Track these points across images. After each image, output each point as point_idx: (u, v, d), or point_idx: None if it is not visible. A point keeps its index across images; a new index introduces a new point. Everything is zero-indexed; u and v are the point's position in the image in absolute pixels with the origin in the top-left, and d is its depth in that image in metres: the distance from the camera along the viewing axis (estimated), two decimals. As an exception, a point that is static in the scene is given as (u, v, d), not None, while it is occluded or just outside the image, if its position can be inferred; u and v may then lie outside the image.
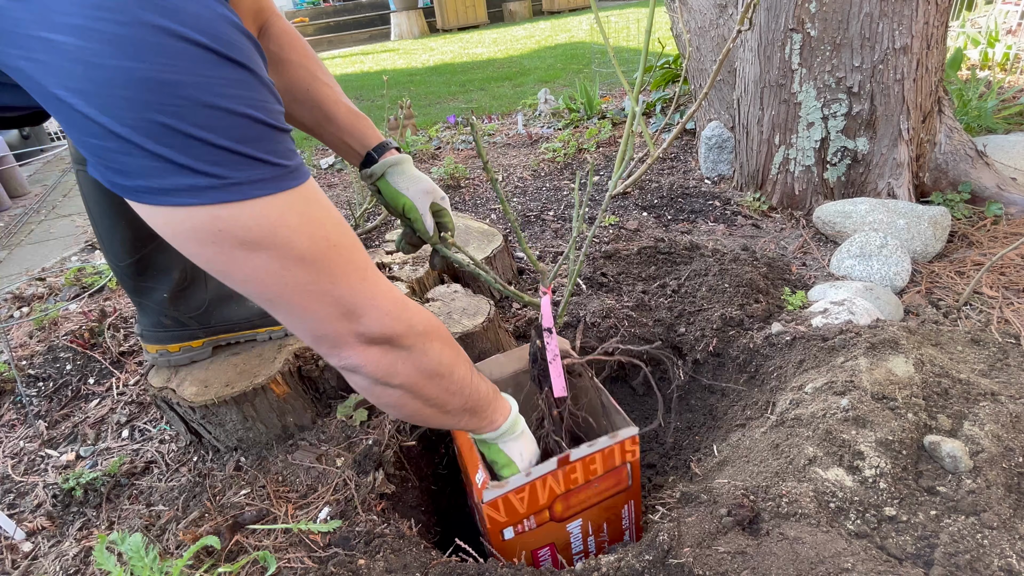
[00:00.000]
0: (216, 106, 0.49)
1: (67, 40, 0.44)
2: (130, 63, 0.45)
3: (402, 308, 0.68)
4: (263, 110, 0.53)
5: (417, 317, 0.70)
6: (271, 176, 0.55)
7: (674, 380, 1.30)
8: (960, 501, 0.87)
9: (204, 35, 0.48)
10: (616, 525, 1.07)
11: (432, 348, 0.72)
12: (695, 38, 2.47)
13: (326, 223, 0.60)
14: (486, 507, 0.90)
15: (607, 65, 4.56)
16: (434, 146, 3.25)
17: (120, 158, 0.49)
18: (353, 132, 1.05)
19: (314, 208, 0.59)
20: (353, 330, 0.64)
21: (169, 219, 0.53)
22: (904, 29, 1.71)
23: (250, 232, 0.54)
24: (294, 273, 0.58)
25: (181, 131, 0.48)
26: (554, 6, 11.19)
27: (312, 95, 1.02)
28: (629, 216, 2.12)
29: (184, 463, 1.22)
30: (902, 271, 1.57)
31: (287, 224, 0.56)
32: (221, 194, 0.52)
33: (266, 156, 0.54)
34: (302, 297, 0.60)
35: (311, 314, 0.62)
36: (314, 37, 10.31)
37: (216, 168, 0.50)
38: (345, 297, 0.62)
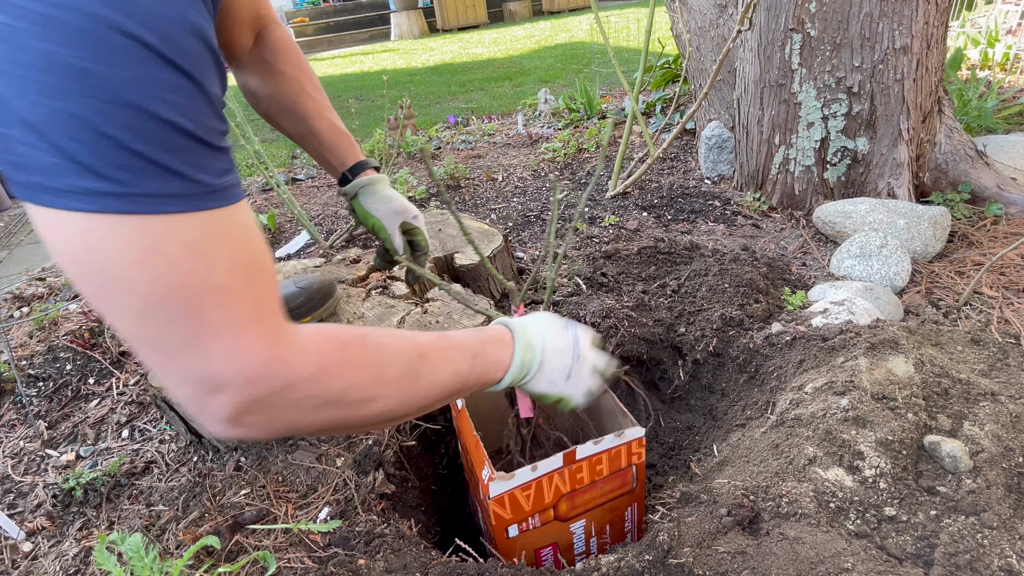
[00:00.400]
0: (140, 107, 0.44)
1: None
2: (54, 47, 0.41)
3: (279, 365, 0.55)
4: (196, 122, 0.48)
5: (302, 366, 0.56)
6: (184, 192, 0.48)
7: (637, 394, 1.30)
8: (960, 501, 0.87)
9: (150, 32, 0.44)
10: (619, 527, 1.07)
11: (331, 390, 0.59)
12: (695, 38, 2.47)
13: (218, 259, 0.50)
14: (492, 503, 0.90)
15: (607, 65, 4.56)
16: (434, 146, 3.25)
17: (21, 149, 0.44)
18: (333, 149, 1.08)
19: (213, 239, 0.50)
20: (210, 404, 0.53)
21: (45, 223, 0.46)
22: (904, 29, 1.71)
23: (119, 256, 0.46)
24: (153, 316, 0.48)
25: (94, 127, 0.43)
26: (554, 6, 11.19)
27: (298, 108, 1.03)
28: (629, 216, 2.12)
29: (184, 463, 1.22)
30: (902, 271, 1.57)
31: (164, 252, 0.47)
32: (117, 202, 0.45)
33: (184, 169, 0.47)
34: (158, 349, 0.51)
35: (166, 370, 0.52)
36: (314, 37, 10.31)
37: (121, 173, 0.45)
38: (203, 359, 0.51)
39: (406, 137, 3.25)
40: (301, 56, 1.05)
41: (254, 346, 0.53)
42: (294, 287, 1.30)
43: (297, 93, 1.03)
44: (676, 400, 1.44)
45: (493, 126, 3.56)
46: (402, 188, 2.49)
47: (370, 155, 2.95)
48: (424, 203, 2.44)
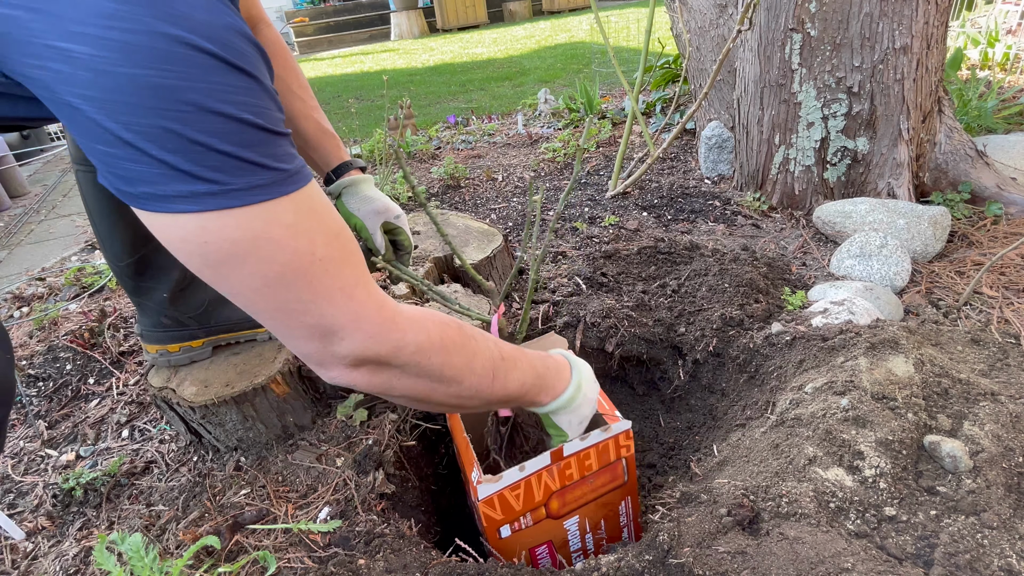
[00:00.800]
0: (219, 112, 0.49)
1: (79, 49, 0.45)
2: (138, 70, 0.46)
3: (391, 327, 0.64)
4: (264, 116, 0.53)
5: (411, 334, 0.65)
6: (270, 181, 0.54)
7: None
8: (960, 501, 0.87)
9: (212, 42, 0.49)
10: (614, 522, 1.07)
11: (431, 363, 0.68)
12: (695, 38, 2.47)
13: (315, 234, 0.58)
14: (482, 504, 0.90)
15: (607, 65, 4.56)
16: (434, 146, 3.25)
17: (126, 165, 0.49)
18: (318, 149, 1.08)
19: (305, 218, 0.57)
20: (333, 352, 0.61)
21: (163, 226, 0.53)
22: (904, 29, 1.71)
23: (234, 245, 0.53)
24: (274, 290, 0.56)
25: (184, 136, 0.48)
26: (554, 6, 11.19)
27: (285, 108, 1.05)
28: (629, 216, 2.12)
29: (184, 463, 1.22)
30: (902, 271, 1.57)
31: (271, 236, 0.54)
32: (219, 200, 0.51)
33: (265, 160, 0.53)
34: (283, 315, 0.59)
35: (292, 332, 0.60)
36: (314, 37, 10.31)
37: (216, 174, 0.51)
38: (325, 317, 0.59)
39: (406, 137, 3.24)
40: (290, 57, 1.07)
41: (366, 306, 0.62)
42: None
43: (283, 92, 1.03)
44: (676, 400, 1.44)
45: (493, 126, 3.56)
46: (402, 187, 2.49)
47: (370, 155, 2.95)
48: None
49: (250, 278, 0.55)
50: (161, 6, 0.47)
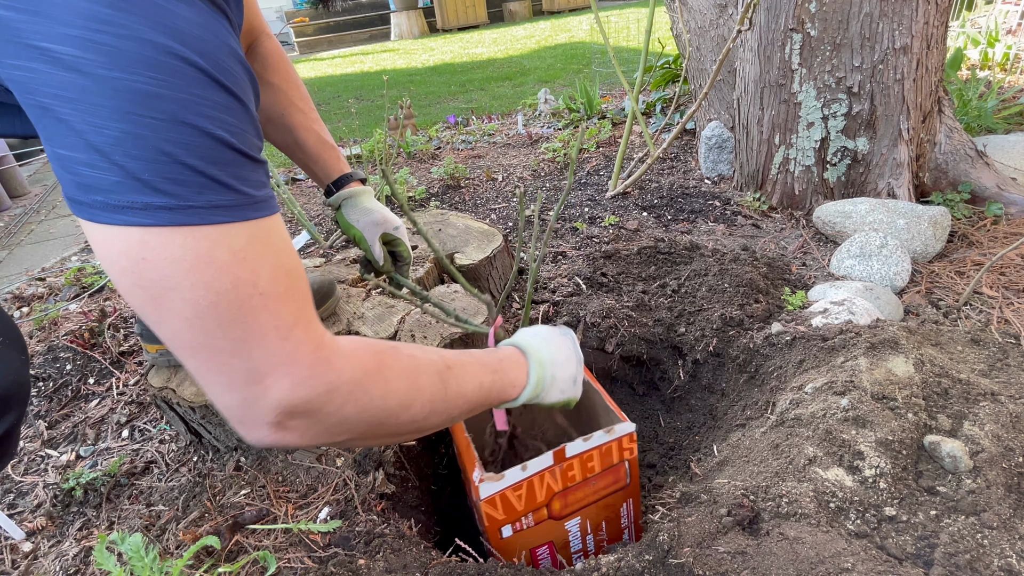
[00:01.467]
0: (194, 124, 0.48)
1: (64, 50, 0.45)
2: (120, 73, 0.45)
3: (324, 368, 0.57)
4: (240, 138, 0.52)
5: (345, 371, 0.59)
6: (232, 203, 0.52)
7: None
8: (960, 501, 0.87)
9: (202, 57, 0.49)
10: (615, 524, 1.07)
11: (371, 396, 0.61)
12: (695, 38, 2.47)
13: (262, 266, 0.54)
14: (484, 504, 0.90)
15: (607, 65, 4.56)
16: (434, 146, 3.25)
17: (84, 171, 0.47)
18: (319, 161, 1.09)
19: (257, 248, 0.54)
20: (257, 404, 0.55)
21: (104, 238, 0.50)
22: (904, 29, 1.71)
23: (173, 265, 0.50)
24: (204, 321, 0.51)
25: (152, 143, 0.47)
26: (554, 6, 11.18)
27: (286, 120, 1.06)
28: (629, 216, 2.12)
29: (184, 463, 1.22)
30: (902, 271, 1.57)
31: (214, 260, 0.51)
32: (173, 215, 0.49)
33: (232, 182, 0.51)
34: (207, 354, 0.53)
35: (214, 376, 0.54)
36: (314, 37, 10.31)
37: (177, 187, 0.48)
38: (253, 360, 0.54)
39: (406, 137, 3.25)
40: (291, 68, 1.07)
41: (300, 349, 0.56)
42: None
43: (285, 105, 1.05)
44: (676, 400, 1.44)
45: (493, 126, 3.56)
46: (401, 188, 2.49)
47: (370, 155, 2.95)
48: (424, 203, 2.44)
49: (181, 305, 0.51)
50: (157, 17, 0.47)
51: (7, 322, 0.68)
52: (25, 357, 0.70)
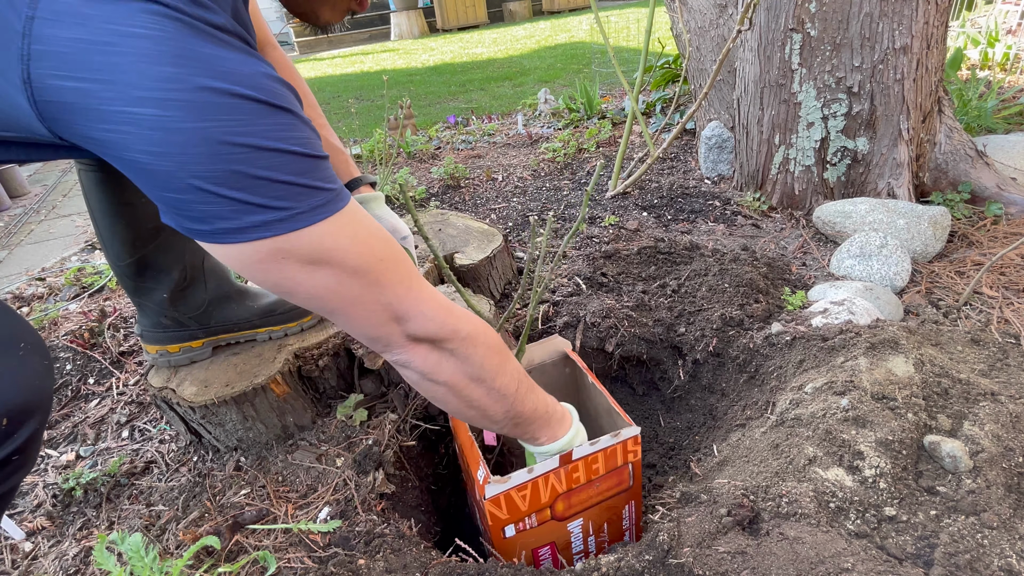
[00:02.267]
0: (274, 148, 0.57)
1: (146, 111, 0.51)
2: (201, 123, 0.52)
3: (446, 314, 0.73)
4: (309, 145, 0.60)
5: (462, 323, 0.75)
6: (326, 201, 0.62)
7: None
8: (960, 501, 0.87)
9: (254, 90, 0.56)
10: (616, 525, 1.07)
11: (475, 353, 0.76)
12: (695, 38, 2.47)
13: (371, 240, 0.67)
14: (488, 504, 0.90)
15: (607, 65, 4.56)
16: (434, 146, 3.25)
17: (198, 207, 0.56)
18: (334, 162, 1.08)
19: (360, 227, 0.66)
20: (401, 331, 0.71)
21: (240, 253, 0.60)
22: (904, 29, 1.71)
23: (311, 255, 0.62)
24: (348, 287, 0.65)
25: (250, 174, 0.55)
26: (554, 6, 11.18)
27: None
28: (629, 216, 2.12)
29: (184, 463, 1.22)
30: (902, 271, 1.57)
31: (340, 245, 0.63)
32: (288, 224, 0.59)
33: (318, 183, 0.61)
34: (356, 307, 0.67)
35: (365, 320, 0.69)
36: (314, 37, 10.30)
37: (283, 202, 0.58)
38: (393, 304, 0.69)
39: (406, 137, 3.24)
40: (298, 75, 1.09)
41: (423, 296, 0.72)
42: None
43: None
44: (676, 400, 1.44)
45: (493, 126, 3.56)
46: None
47: (370, 155, 2.95)
48: (424, 203, 2.44)
49: (325, 280, 0.64)
50: (209, 66, 0.53)
51: (28, 328, 0.70)
52: (48, 363, 0.72)
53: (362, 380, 1.31)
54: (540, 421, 0.89)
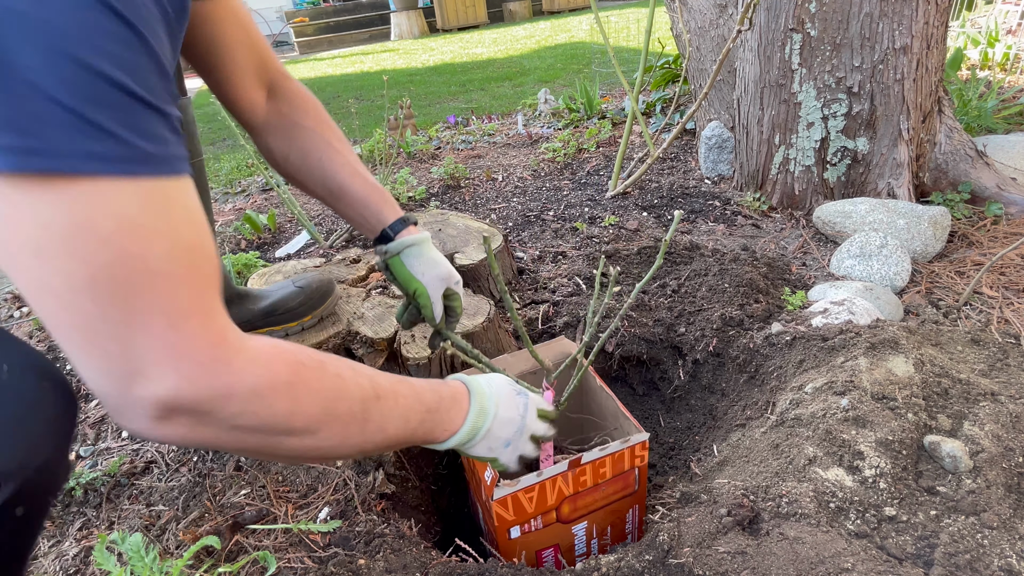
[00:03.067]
0: (74, 56, 0.40)
1: None
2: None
3: (220, 369, 0.50)
4: (136, 77, 0.43)
5: (248, 377, 0.51)
6: (117, 156, 0.43)
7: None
8: (960, 501, 0.87)
9: None
10: (620, 528, 1.08)
11: (273, 411, 0.53)
12: (695, 38, 2.47)
13: (156, 239, 0.45)
14: (495, 505, 0.90)
15: (607, 65, 4.56)
16: (434, 146, 3.25)
17: None
18: (369, 205, 0.98)
19: (152, 216, 0.45)
20: (135, 395, 0.47)
21: None
22: (904, 29, 1.71)
23: (42, 229, 0.41)
24: (79, 298, 0.43)
25: (13, 72, 0.38)
26: (554, 6, 11.18)
27: (325, 165, 0.96)
28: (629, 216, 2.12)
29: (184, 463, 1.22)
30: (902, 271, 1.57)
31: (96, 226, 0.42)
32: (32, 160, 0.40)
33: (118, 130, 0.42)
34: (81, 334, 0.45)
35: (87, 359, 0.46)
36: (314, 37, 10.31)
37: (43, 128, 0.40)
38: (134, 348, 0.46)
39: (406, 137, 3.25)
40: (323, 110, 0.99)
41: (194, 342, 0.48)
42: (293, 287, 1.30)
43: (323, 149, 0.96)
44: (676, 400, 1.44)
45: (493, 126, 3.56)
46: (402, 187, 2.49)
47: (370, 155, 2.95)
48: (424, 203, 2.44)
49: (52, 277, 0.43)
50: None
51: (15, 345, 0.55)
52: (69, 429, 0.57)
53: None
54: (423, 429, 0.71)
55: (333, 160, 0.96)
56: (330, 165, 0.96)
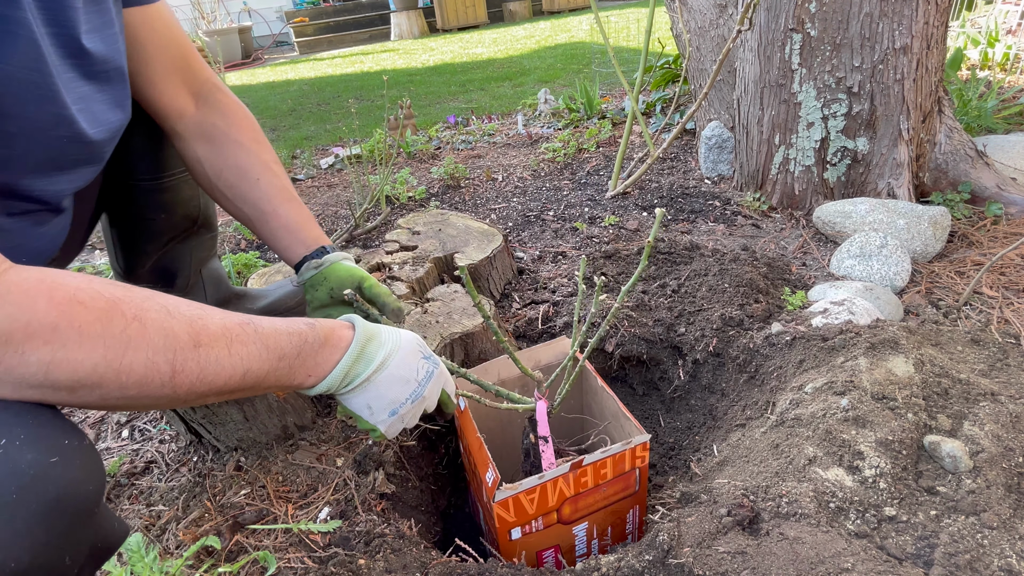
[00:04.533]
0: None
1: None
2: None
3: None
4: None
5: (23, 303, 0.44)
6: None
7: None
8: (960, 501, 0.87)
9: None
10: (620, 529, 1.08)
11: (24, 362, 0.45)
12: (695, 38, 2.47)
13: None
14: (497, 507, 0.90)
15: (607, 65, 4.56)
16: (434, 146, 3.25)
17: None
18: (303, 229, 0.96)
19: None
20: None
21: None
22: (904, 29, 1.71)
23: None
24: None
25: None
26: (554, 6, 11.18)
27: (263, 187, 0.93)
28: (629, 216, 2.12)
29: (184, 463, 1.22)
30: (902, 271, 1.57)
31: None
32: None
33: None
34: None
35: None
36: (314, 37, 10.31)
37: None
38: None
39: (406, 137, 3.25)
40: (258, 128, 0.97)
41: None
42: (291, 286, 1.30)
43: (261, 171, 0.93)
44: (676, 400, 1.44)
45: (493, 126, 3.56)
46: (402, 187, 2.49)
47: (370, 155, 2.95)
48: (424, 203, 2.44)
49: None
50: None
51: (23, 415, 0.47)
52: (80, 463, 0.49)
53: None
54: (273, 376, 0.63)
55: (272, 184, 0.94)
56: (268, 188, 0.94)
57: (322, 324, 0.70)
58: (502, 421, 1.22)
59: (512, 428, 1.24)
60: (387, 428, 0.77)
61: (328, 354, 0.69)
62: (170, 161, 1.03)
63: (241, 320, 0.61)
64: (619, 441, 0.96)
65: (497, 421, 1.21)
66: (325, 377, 0.68)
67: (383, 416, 0.75)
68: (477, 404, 1.14)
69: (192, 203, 1.12)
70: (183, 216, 1.12)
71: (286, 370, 0.64)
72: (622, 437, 1.00)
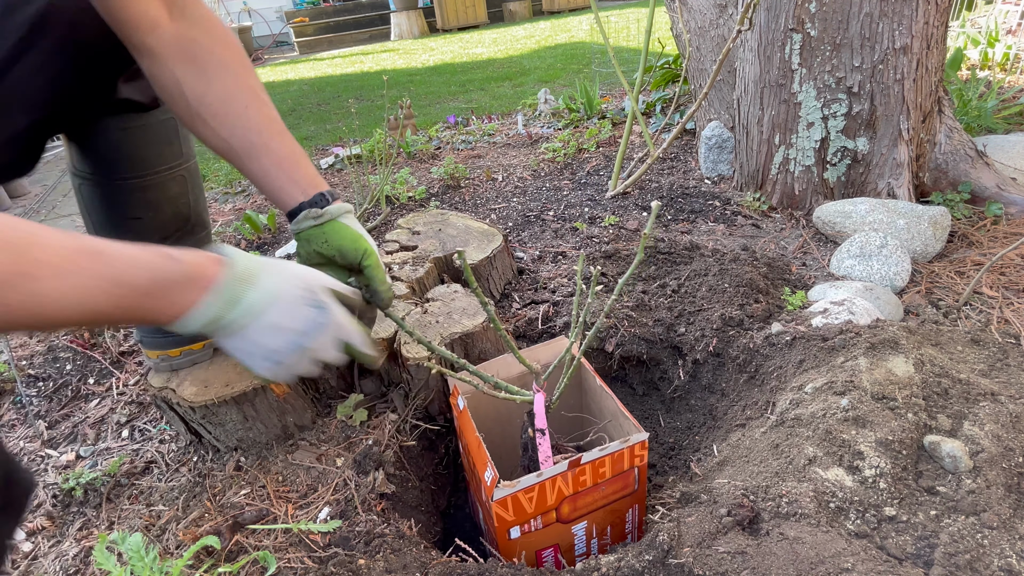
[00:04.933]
0: None
1: None
2: None
3: None
4: None
5: None
6: None
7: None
8: (960, 501, 0.87)
9: None
10: (620, 528, 1.08)
11: None
12: (695, 38, 2.47)
13: None
14: (495, 505, 0.90)
15: (607, 65, 4.56)
16: (434, 146, 3.25)
17: None
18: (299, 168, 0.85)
19: None
20: None
21: None
22: (904, 29, 1.71)
23: None
24: None
25: None
26: (554, 6, 11.18)
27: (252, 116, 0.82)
28: (629, 216, 2.12)
29: (184, 463, 1.22)
30: (902, 271, 1.57)
31: None
32: None
33: None
34: None
35: None
36: (314, 37, 10.31)
37: None
38: None
39: (406, 137, 3.24)
40: (242, 47, 0.84)
41: None
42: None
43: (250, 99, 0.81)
44: (676, 400, 1.44)
45: (493, 126, 3.55)
46: (402, 187, 2.49)
47: (370, 155, 2.95)
48: (424, 203, 2.44)
49: None
50: None
51: None
52: None
53: (362, 380, 1.31)
54: (121, 311, 0.58)
55: (262, 112, 0.82)
56: (258, 118, 0.82)
57: (190, 258, 0.63)
58: (501, 421, 1.22)
59: (511, 428, 1.24)
60: (269, 375, 0.71)
61: (190, 293, 0.62)
62: (152, 159, 1.02)
63: (83, 247, 0.55)
64: (618, 440, 0.96)
65: (496, 421, 1.21)
66: (181, 317, 0.62)
67: (261, 363, 0.70)
68: (477, 404, 1.14)
69: (182, 200, 1.11)
70: (173, 214, 1.11)
71: (135, 307, 0.58)
72: (621, 436, 1.00)
